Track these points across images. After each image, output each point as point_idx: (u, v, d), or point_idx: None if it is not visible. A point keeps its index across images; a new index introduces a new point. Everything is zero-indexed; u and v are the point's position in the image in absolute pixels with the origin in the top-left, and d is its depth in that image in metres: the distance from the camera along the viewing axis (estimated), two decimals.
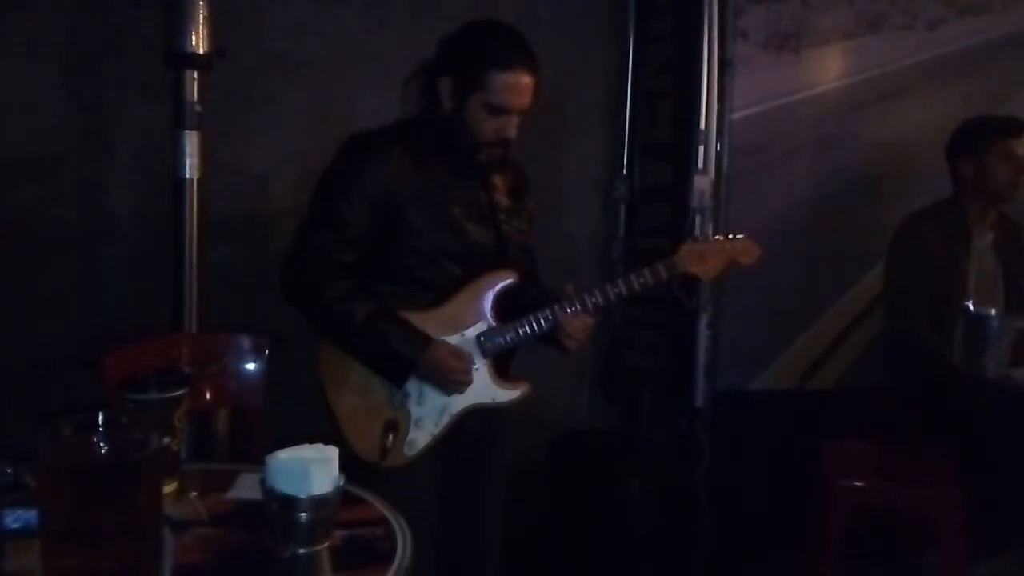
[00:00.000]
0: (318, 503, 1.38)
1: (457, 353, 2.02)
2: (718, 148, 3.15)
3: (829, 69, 3.29)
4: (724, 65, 3.12)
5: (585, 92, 3.58)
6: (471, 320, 2.06)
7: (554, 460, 3.22)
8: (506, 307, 2.09)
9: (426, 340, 1.99)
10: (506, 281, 2.08)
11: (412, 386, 2.02)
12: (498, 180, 2.13)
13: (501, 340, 2.07)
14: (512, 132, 2.02)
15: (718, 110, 3.13)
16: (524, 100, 1.99)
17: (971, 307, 2.60)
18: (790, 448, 2.95)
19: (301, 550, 1.38)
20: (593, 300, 2.08)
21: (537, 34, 3.38)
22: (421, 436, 2.03)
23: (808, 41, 3.24)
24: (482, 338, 2.06)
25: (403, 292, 2.03)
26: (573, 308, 2.07)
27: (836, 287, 3.34)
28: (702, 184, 3.10)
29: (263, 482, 1.42)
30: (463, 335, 2.05)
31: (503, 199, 2.13)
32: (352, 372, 2.03)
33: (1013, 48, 3.39)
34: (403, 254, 2.02)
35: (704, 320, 3.16)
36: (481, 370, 2.06)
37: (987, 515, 2.54)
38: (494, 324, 2.07)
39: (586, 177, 3.64)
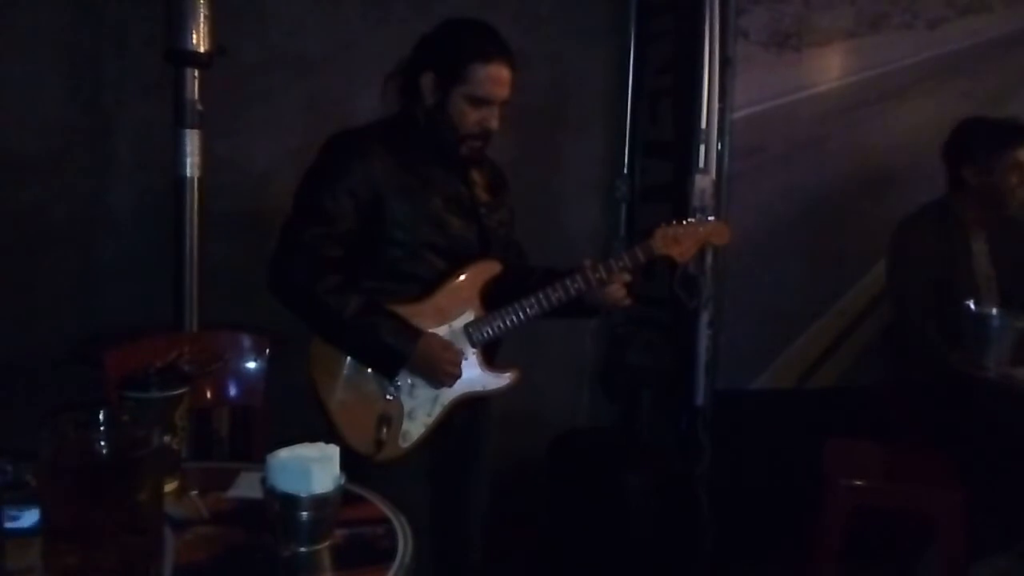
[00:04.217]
0: (319, 502, 1.38)
1: (447, 345, 2.05)
2: (719, 147, 3.14)
3: (830, 68, 3.29)
4: (725, 64, 3.11)
5: (586, 91, 3.58)
6: (458, 310, 2.09)
7: (554, 459, 3.22)
8: (493, 297, 2.12)
9: (416, 333, 2.01)
10: (492, 271, 2.13)
11: (403, 378, 2.05)
12: (477, 176, 2.17)
13: (489, 329, 2.10)
14: (495, 123, 2.06)
15: (719, 109, 3.12)
16: (505, 91, 2.04)
17: (972, 307, 2.60)
18: (790, 447, 2.95)
19: (302, 549, 1.38)
20: (576, 286, 2.11)
21: (538, 33, 3.44)
22: (415, 427, 2.06)
23: (809, 40, 3.24)
24: (470, 328, 2.09)
25: (388, 286, 2.05)
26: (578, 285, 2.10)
27: (837, 286, 3.34)
28: (703, 183, 3.10)
29: (264, 481, 1.41)
30: (450, 326, 2.08)
31: (482, 194, 2.17)
32: (343, 367, 2.05)
33: (1014, 47, 3.39)
34: (388, 248, 2.04)
35: (704, 319, 3.15)
36: (471, 359, 2.09)
37: (987, 515, 2.54)
38: (482, 313, 2.10)
39: (587, 176, 3.64)
